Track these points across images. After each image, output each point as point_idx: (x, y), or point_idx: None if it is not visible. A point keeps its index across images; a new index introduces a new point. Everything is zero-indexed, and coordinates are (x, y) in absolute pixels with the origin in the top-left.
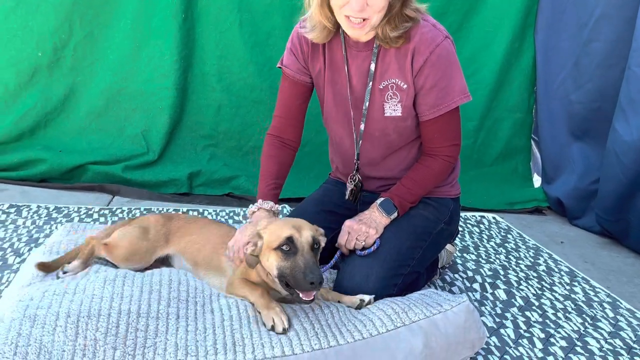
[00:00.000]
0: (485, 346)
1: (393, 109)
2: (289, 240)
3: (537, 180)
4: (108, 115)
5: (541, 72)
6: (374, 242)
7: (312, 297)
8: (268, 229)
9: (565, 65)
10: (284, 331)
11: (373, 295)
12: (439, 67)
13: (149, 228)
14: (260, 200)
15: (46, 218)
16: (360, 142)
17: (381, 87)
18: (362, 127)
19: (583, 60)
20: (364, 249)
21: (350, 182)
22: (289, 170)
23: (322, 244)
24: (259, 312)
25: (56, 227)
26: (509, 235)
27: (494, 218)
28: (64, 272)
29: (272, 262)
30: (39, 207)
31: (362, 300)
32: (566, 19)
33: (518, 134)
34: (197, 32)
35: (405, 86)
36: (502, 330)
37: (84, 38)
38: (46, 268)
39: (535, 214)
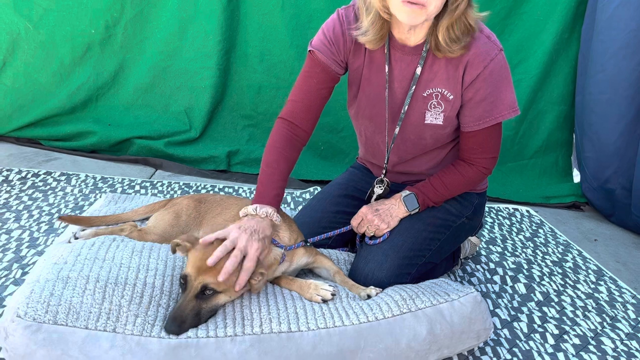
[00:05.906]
0: (496, 338)
1: (435, 117)
2: (184, 277)
3: (577, 175)
4: (154, 92)
5: (581, 64)
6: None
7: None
8: (196, 247)
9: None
10: (333, 296)
11: (380, 290)
12: (491, 82)
13: (181, 214)
14: (257, 206)
15: (92, 187)
16: (392, 145)
17: (425, 94)
18: (396, 130)
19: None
20: (373, 237)
21: (379, 186)
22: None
23: (261, 278)
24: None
25: (100, 196)
26: (540, 230)
27: (527, 211)
28: (75, 238)
29: None
30: (87, 176)
31: (368, 296)
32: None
33: (561, 127)
34: (241, 13)
35: (451, 97)
36: (515, 324)
37: (134, 16)
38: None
39: (573, 209)
